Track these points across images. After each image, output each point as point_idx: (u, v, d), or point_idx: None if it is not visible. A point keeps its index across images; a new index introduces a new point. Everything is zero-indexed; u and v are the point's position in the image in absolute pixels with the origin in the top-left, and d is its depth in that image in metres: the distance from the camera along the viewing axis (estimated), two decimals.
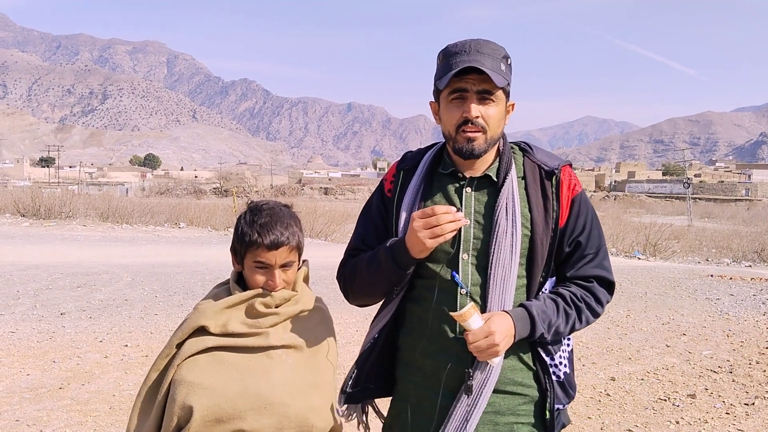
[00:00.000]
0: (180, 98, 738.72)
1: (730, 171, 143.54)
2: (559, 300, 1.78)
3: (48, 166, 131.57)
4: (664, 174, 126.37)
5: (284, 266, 1.81)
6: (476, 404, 1.70)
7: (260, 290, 1.80)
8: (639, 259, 19.35)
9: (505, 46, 1.78)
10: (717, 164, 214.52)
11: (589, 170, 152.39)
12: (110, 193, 40.78)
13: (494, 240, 1.74)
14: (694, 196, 75.70)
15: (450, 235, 1.66)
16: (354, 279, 1.88)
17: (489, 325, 1.62)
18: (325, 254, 14.54)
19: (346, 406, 1.95)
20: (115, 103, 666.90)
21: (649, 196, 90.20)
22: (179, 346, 1.79)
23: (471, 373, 1.70)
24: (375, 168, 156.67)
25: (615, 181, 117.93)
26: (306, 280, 1.98)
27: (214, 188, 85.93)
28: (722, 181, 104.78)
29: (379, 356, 1.89)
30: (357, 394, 1.92)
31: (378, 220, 1.93)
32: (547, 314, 1.73)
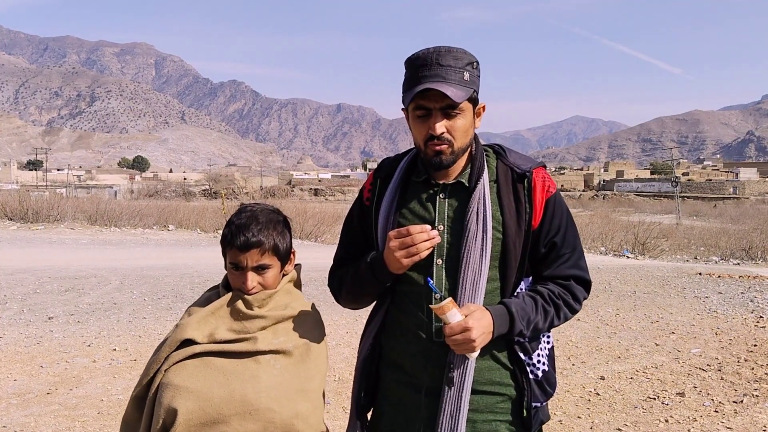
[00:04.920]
0: (168, 100, 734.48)
1: (718, 169, 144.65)
2: (538, 297, 1.82)
3: (36, 169, 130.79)
4: (652, 173, 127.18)
5: (259, 269, 1.81)
6: (460, 399, 1.74)
7: (237, 293, 1.82)
8: (628, 257, 19.42)
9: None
10: (705, 163, 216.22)
11: (578, 170, 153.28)
12: (99, 196, 40.45)
13: (465, 244, 1.78)
14: (683, 194, 76.19)
15: (425, 254, 1.72)
16: (341, 290, 1.98)
17: (467, 320, 1.65)
18: (315, 255, 14.50)
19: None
20: (103, 105, 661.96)
21: (638, 195, 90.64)
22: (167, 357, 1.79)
23: (452, 365, 1.74)
24: (365, 169, 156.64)
25: (604, 180, 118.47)
26: (298, 284, 1.98)
27: (204, 190, 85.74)
28: (710, 180, 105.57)
29: (379, 361, 1.94)
30: (369, 403, 1.96)
31: (359, 230, 1.99)
32: (526, 311, 1.77)
